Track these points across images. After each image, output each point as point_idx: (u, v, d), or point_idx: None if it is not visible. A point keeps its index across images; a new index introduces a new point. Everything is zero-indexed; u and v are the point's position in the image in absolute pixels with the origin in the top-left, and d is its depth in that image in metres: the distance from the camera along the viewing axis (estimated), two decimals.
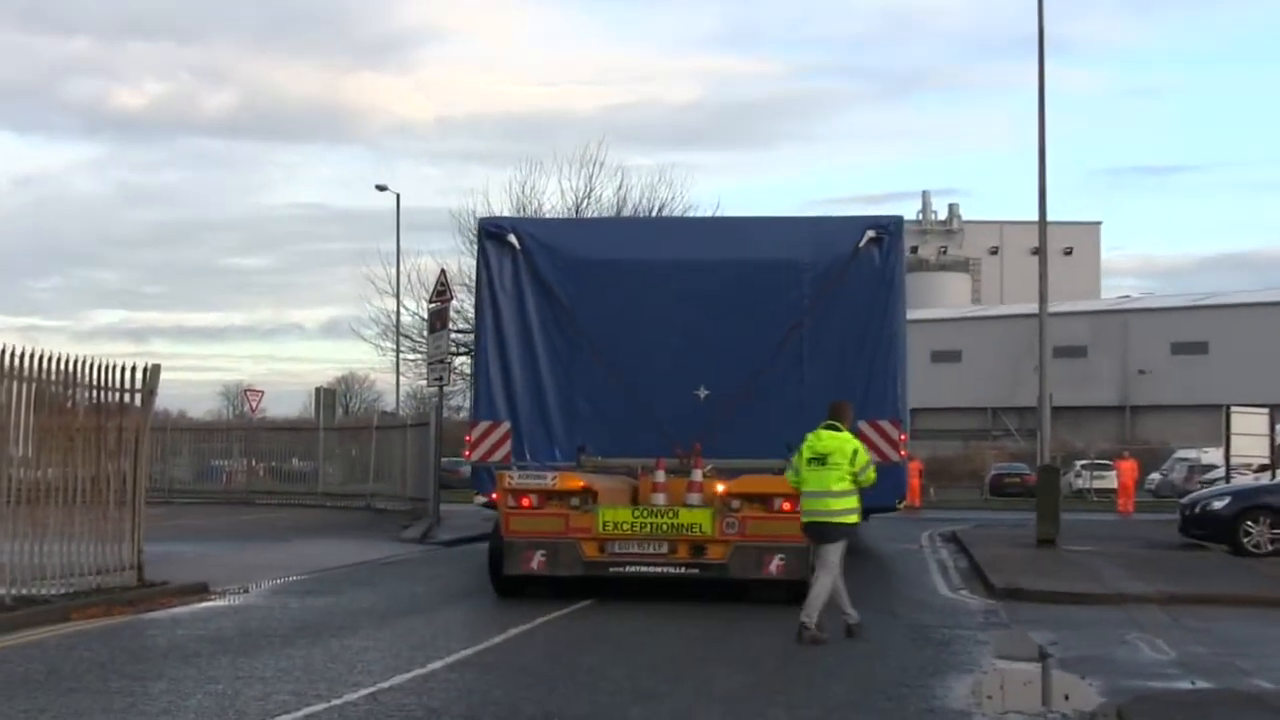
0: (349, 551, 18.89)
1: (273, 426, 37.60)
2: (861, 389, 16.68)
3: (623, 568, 12.92)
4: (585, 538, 12.90)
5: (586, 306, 16.90)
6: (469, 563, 17.68)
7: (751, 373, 16.50)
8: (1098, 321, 68.25)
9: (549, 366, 16.88)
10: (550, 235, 17.50)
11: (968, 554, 19.81)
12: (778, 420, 16.25)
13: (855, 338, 16.87)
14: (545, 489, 13.05)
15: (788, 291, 16.89)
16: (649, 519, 12.96)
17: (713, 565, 12.83)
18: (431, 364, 26.81)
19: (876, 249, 17.01)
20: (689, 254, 17.11)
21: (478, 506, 18.19)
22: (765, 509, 12.88)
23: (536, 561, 12.95)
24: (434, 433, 25.26)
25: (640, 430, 16.12)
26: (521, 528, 12.99)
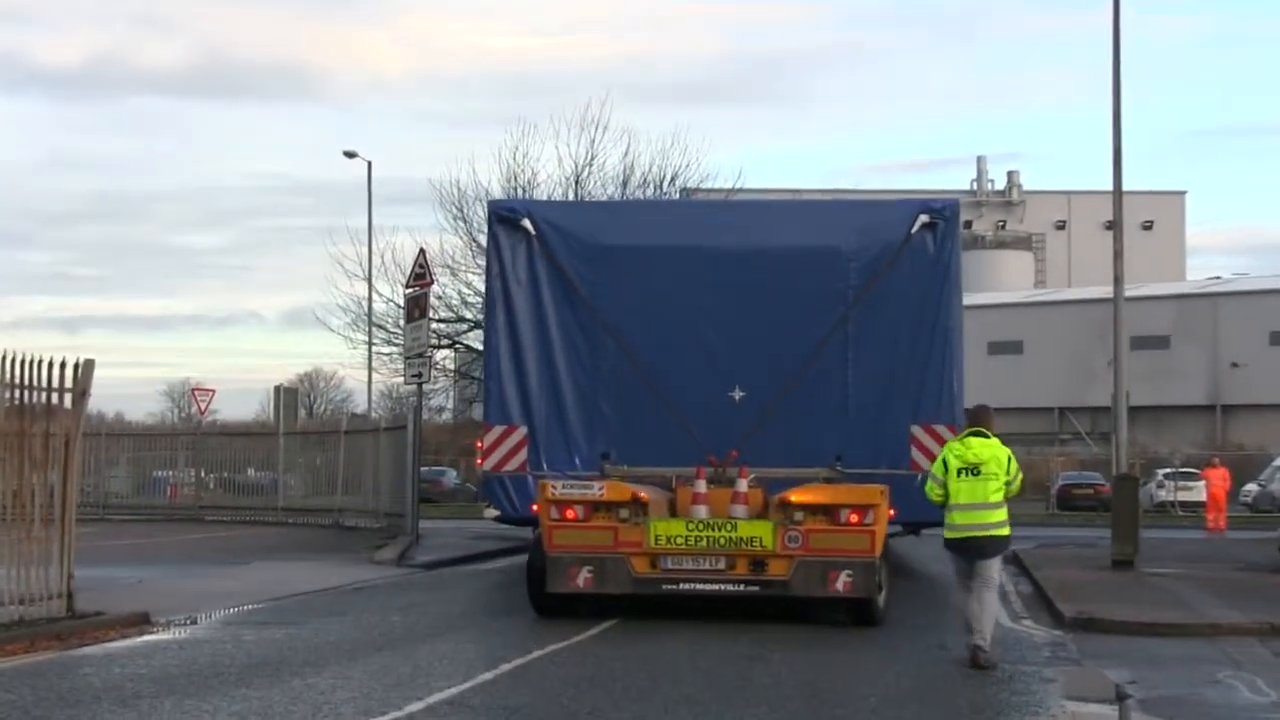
0: (313, 575, 18.94)
1: (225, 431, 37.73)
2: (914, 391, 17.26)
3: (675, 585, 13.47)
4: (635, 552, 13.45)
5: (609, 298, 17.44)
6: (454, 588, 17.77)
7: (792, 372, 17.01)
8: (1183, 307, 68.10)
9: (567, 365, 17.44)
10: (568, 219, 17.98)
11: (1031, 577, 19.83)
12: (821, 425, 16.94)
13: (907, 334, 17.38)
14: (592, 499, 13.59)
15: (832, 282, 17.43)
16: (705, 532, 13.48)
17: (774, 582, 13.38)
18: (409, 358, 26.83)
19: (930, 235, 17.53)
20: (723, 240, 17.62)
21: (489, 521, 18.82)
22: (830, 521, 13.41)
23: (583, 578, 13.48)
24: (412, 438, 25.29)
25: (669, 436, 16.66)
26: (566, 541, 13.53)
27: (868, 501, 13.57)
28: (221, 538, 26.86)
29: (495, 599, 16.71)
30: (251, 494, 33.37)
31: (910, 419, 17.22)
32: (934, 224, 17.60)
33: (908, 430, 17.11)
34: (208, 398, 39.10)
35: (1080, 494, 47.24)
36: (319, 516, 30.40)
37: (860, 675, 11.09)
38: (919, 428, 17.10)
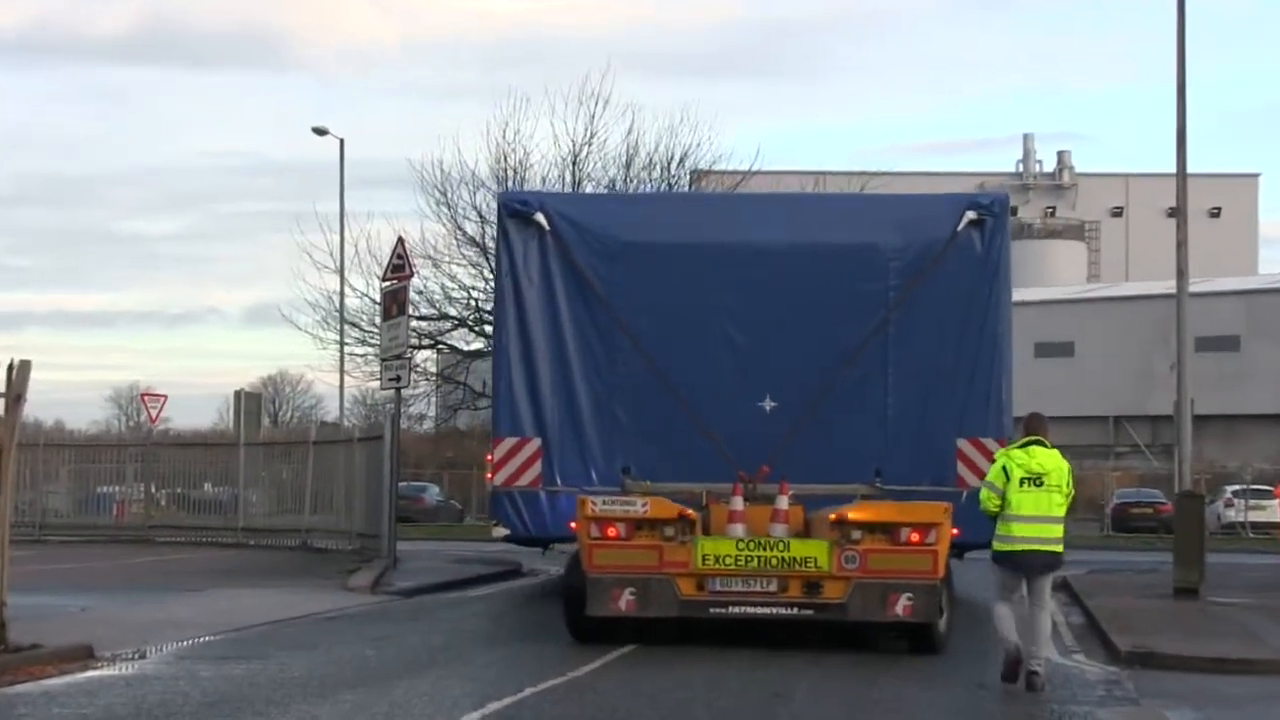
0: (278, 603, 18.97)
1: (179, 442, 37.87)
2: (959, 401, 17.84)
3: (724, 608, 14.02)
4: (681, 573, 13.97)
5: (628, 299, 17.97)
6: (436, 618, 17.77)
7: (827, 381, 17.57)
8: (1255, 304, 68.04)
9: (583, 372, 18.04)
10: (585, 213, 18.69)
11: (1083, 606, 19.82)
12: (858, 437, 17.54)
13: (952, 339, 17.97)
14: (635, 516, 14.11)
15: (871, 283, 18.02)
16: (756, 552, 14.02)
17: (829, 605, 13.92)
18: (386, 360, 26.86)
19: (977, 233, 18.10)
20: (752, 237, 18.30)
21: (498, 540, 19.28)
22: (890, 540, 13.92)
23: (625, 601, 13.99)
24: (389, 450, 25.33)
25: (694, 449, 17.24)
26: (607, 561, 14.05)
27: (930, 520, 13.99)
28: (174, 561, 26.83)
29: (482, 630, 16.73)
30: (208, 512, 33.39)
31: (955, 431, 17.69)
32: (981, 220, 18.09)
33: (953, 444, 17.60)
34: (159, 404, 39.12)
35: (1138, 514, 47.26)
36: (284, 537, 30.43)
37: (894, 716, 11.06)
38: (966, 441, 17.58)
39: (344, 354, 40.40)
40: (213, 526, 32.47)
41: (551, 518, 18.33)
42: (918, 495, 15.77)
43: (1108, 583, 23.94)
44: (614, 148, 38.92)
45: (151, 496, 34.36)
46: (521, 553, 29.16)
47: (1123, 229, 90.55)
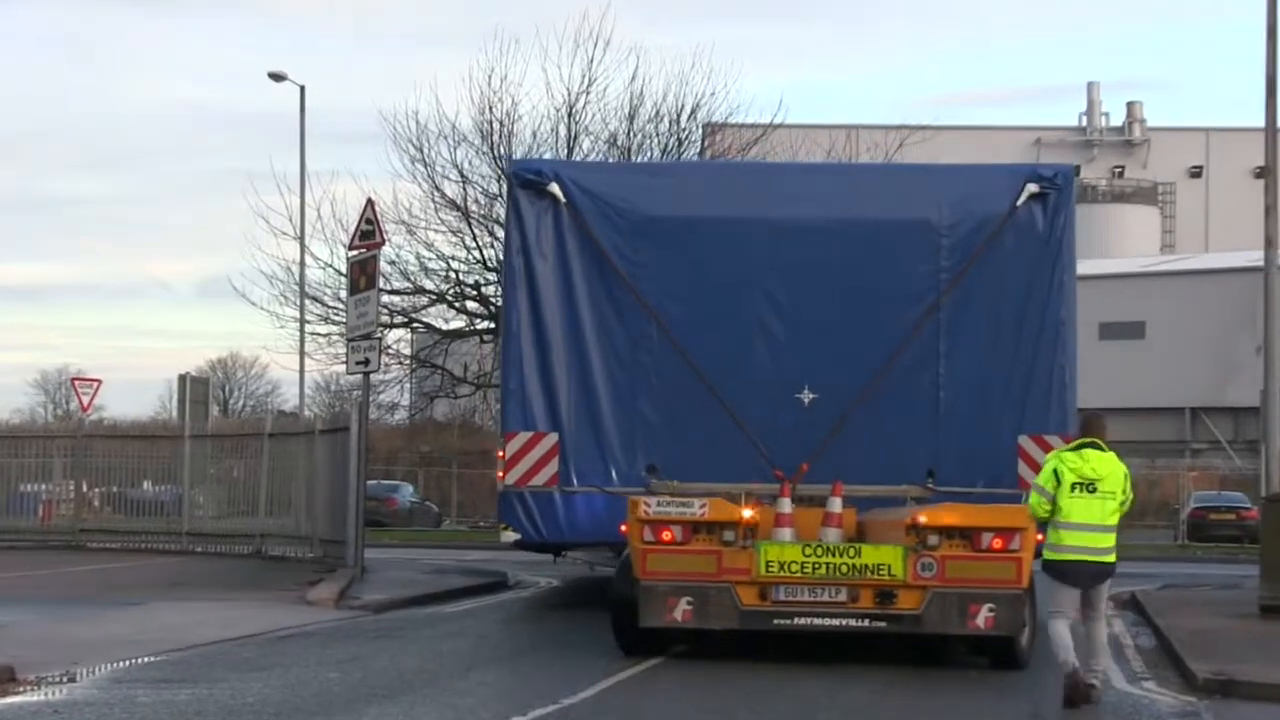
0: (228, 619, 18.97)
1: (115, 433, 37.66)
2: (1018, 393, 18.55)
3: (789, 619, 14.62)
4: (742, 581, 14.57)
5: (654, 279, 18.65)
6: (409, 637, 17.78)
7: (872, 371, 18.29)
8: None
9: (603, 360, 18.73)
10: (605, 183, 19.34)
11: (1154, 627, 19.81)
12: (907, 433, 18.31)
13: (1010, 325, 18.65)
14: (693, 519, 14.66)
15: (920, 262, 18.72)
16: (825, 558, 14.61)
17: (904, 616, 14.53)
18: (353, 341, 26.85)
19: (1039, 208, 18.77)
20: (790, 211, 18.93)
21: (508, 545, 19.77)
22: (970, 546, 14.52)
23: (681, 611, 14.57)
24: (357, 443, 25.35)
25: (725, 445, 17.99)
26: (662, 568, 14.64)
27: (1014, 524, 14.49)
28: (109, 570, 26.85)
29: (462, 651, 16.75)
30: (148, 514, 33.39)
31: (1015, 428, 18.32)
32: (1044, 194, 18.73)
33: (1012, 441, 18.26)
34: (92, 390, 39.16)
35: (1218, 520, 47.22)
36: (236, 543, 30.49)
37: None
38: (1028, 439, 18.22)
39: (304, 333, 40.31)
40: (153, 531, 32.49)
41: (566, 521, 18.88)
42: (973, 498, 16.36)
43: (1183, 599, 23.90)
44: (615, 97, 38.89)
45: (83, 496, 34.35)
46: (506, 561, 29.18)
47: (1201, 192, 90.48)
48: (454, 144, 38.89)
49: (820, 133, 46.61)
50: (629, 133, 38.47)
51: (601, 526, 18.81)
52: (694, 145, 39.81)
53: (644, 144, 38.55)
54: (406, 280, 39.68)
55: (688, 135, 39.18)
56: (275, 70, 44.29)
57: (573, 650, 15.99)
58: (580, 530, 19.20)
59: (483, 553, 35.64)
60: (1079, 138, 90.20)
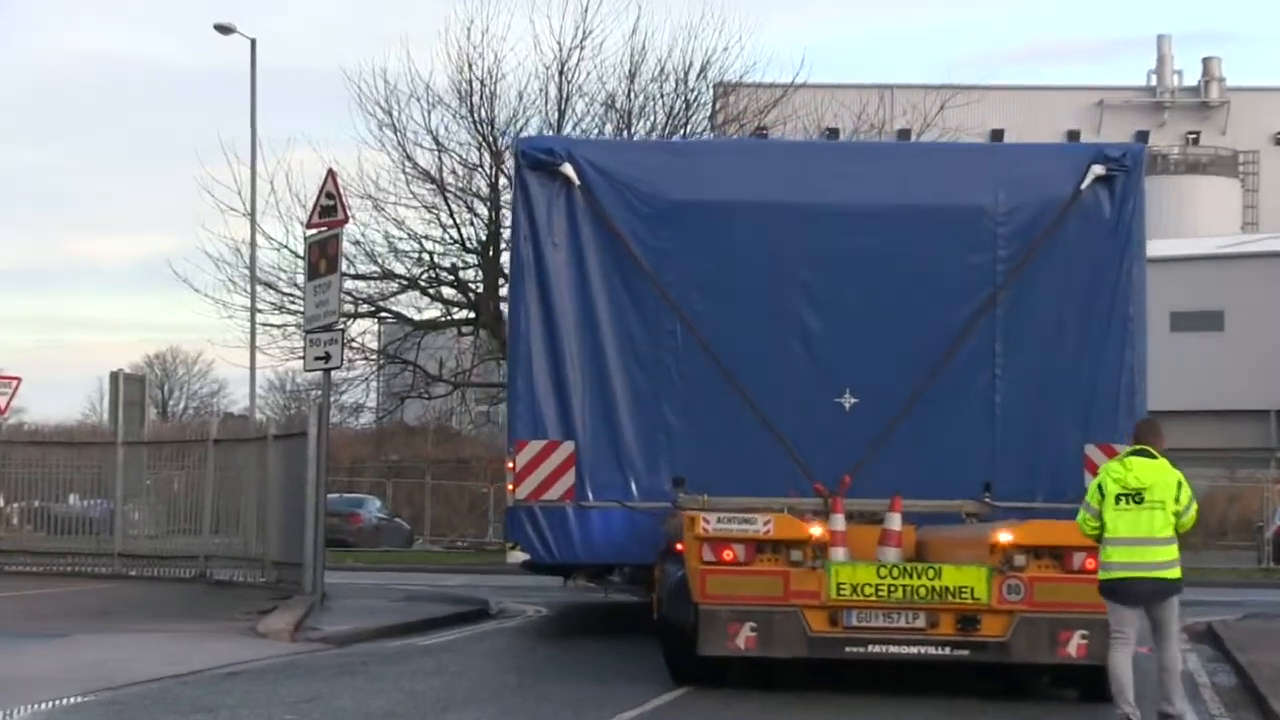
0: (168, 654, 18.89)
1: (37, 439, 37.53)
2: (1083, 398, 19.19)
3: (862, 647, 15.11)
4: (811, 605, 15.07)
5: (678, 271, 19.26)
6: (376, 674, 17.73)
7: (920, 372, 18.92)
8: None
9: (622, 361, 19.33)
10: (625, 164, 19.79)
11: (1234, 663, 19.77)
12: (960, 442, 18.97)
13: (1074, 322, 19.31)
14: (756, 537, 15.19)
15: (974, 252, 19.35)
16: (902, 580, 15.12)
17: (988, 644, 15.11)
18: (312, 332, 26.77)
19: (1105, 192, 19.38)
20: (830, 195, 19.40)
21: (515, 566, 20.37)
22: (1060, 567, 15.16)
23: (744, 638, 15.05)
24: (316, 451, 25.31)
25: (758, 455, 18.66)
26: (723, 591, 15.13)
27: None
28: (30, 597, 26.77)
29: (436, 690, 16.69)
30: (75, 532, 33.26)
31: (1081, 435, 18.91)
32: (1110, 177, 19.29)
33: (1076, 450, 18.88)
34: (9, 389, 39.09)
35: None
36: (176, 566, 30.47)
37: None
38: (1095, 447, 18.74)
39: (256, 324, 40.37)
40: (81, 552, 32.43)
41: (581, 540, 19.42)
42: (1035, 513, 16.97)
43: (1268, 632, 23.82)
44: (614, 53, 39.28)
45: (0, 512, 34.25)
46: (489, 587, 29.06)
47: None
48: (428, 107, 39.01)
49: (849, 93, 46.58)
50: (629, 94, 38.59)
51: (619, 546, 19.36)
52: (704, 108, 39.82)
53: (646, 107, 38.70)
54: (373, 263, 39.76)
55: (697, 97, 39.26)
56: (222, 21, 44.26)
57: (565, 689, 16.07)
58: (596, 550, 19.67)
59: (462, 577, 35.52)
60: (1147, 99, 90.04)
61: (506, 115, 38.36)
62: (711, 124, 40.11)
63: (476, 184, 39.16)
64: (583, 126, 38.53)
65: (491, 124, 38.48)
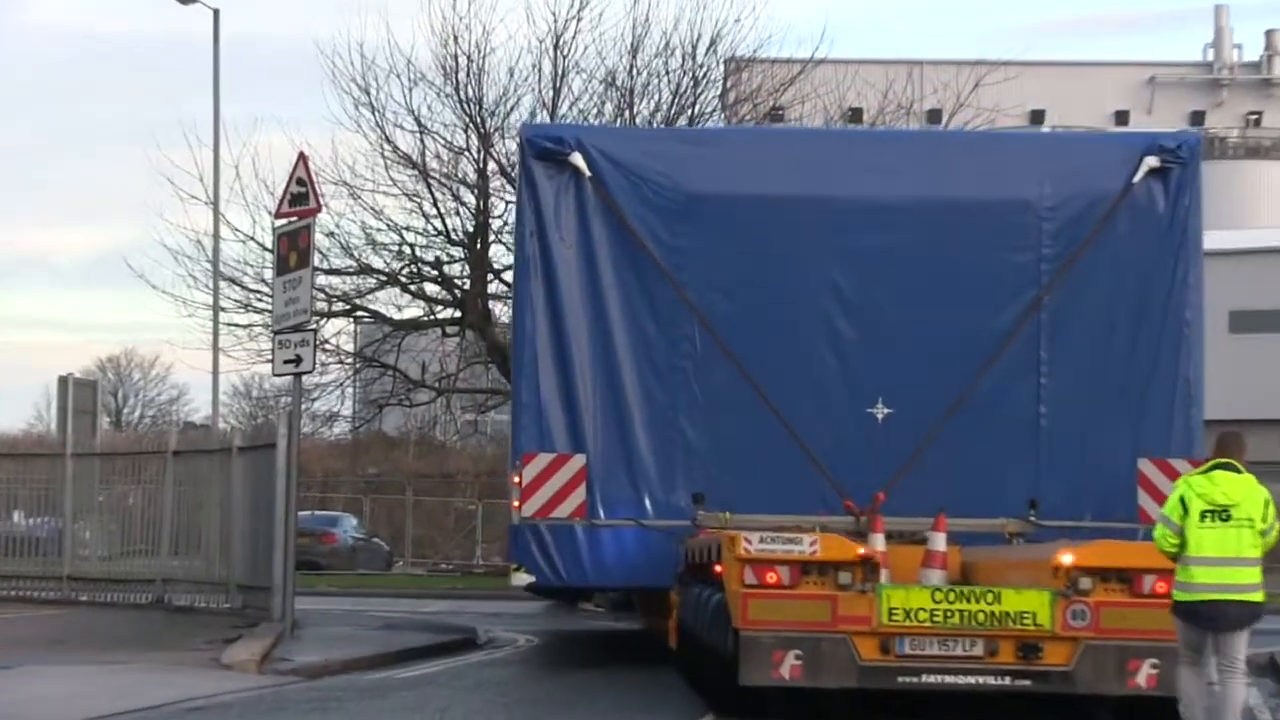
0: (122, 688, 18.80)
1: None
2: (1135, 407, 19.57)
3: (916, 676, 15.30)
4: (861, 631, 15.23)
5: (699, 271, 19.61)
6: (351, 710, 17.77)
7: (959, 380, 19.24)
8: None
9: (636, 367, 19.69)
10: (640, 154, 20.14)
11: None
12: (1001, 455, 19.34)
13: (1125, 326, 19.67)
14: (801, 558, 15.36)
15: (1018, 251, 19.66)
16: (959, 605, 15.30)
17: (1051, 673, 15.30)
18: (281, 333, 26.46)
19: (1159, 186, 19.74)
20: (862, 188, 19.81)
21: (520, 589, 20.77)
22: (1129, 591, 15.27)
23: (788, 667, 15.17)
24: (285, 463, 25.25)
25: (783, 470, 18.99)
26: (767, 616, 15.28)
27: None
28: None
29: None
30: (20, 553, 33.21)
31: (1132, 449, 19.30)
32: (1165, 169, 19.62)
33: (1128, 465, 19.27)
34: None
35: None
36: (132, 590, 30.42)
37: None
38: (1149, 463, 19.21)
39: (219, 324, 40.05)
40: (27, 575, 32.43)
41: (591, 561, 19.78)
42: (1082, 533, 17.45)
43: None
44: (614, 25, 39.17)
45: None
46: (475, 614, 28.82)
47: None
48: (409, 84, 39.01)
49: (874, 69, 46.53)
50: (631, 70, 38.58)
51: (632, 568, 19.68)
52: (714, 86, 39.98)
53: (650, 85, 38.69)
54: (349, 257, 39.89)
55: (706, 74, 39.33)
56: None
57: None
58: (607, 572, 20.04)
59: (446, 603, 35.95)
60: (1203, 75, 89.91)
61: (496, 94, 38.63)
62: (722, 103, 40.40)
63: (462, 169, 39.53)
64: (580, 107, 39.01)
65: (479, 103, 38.74)
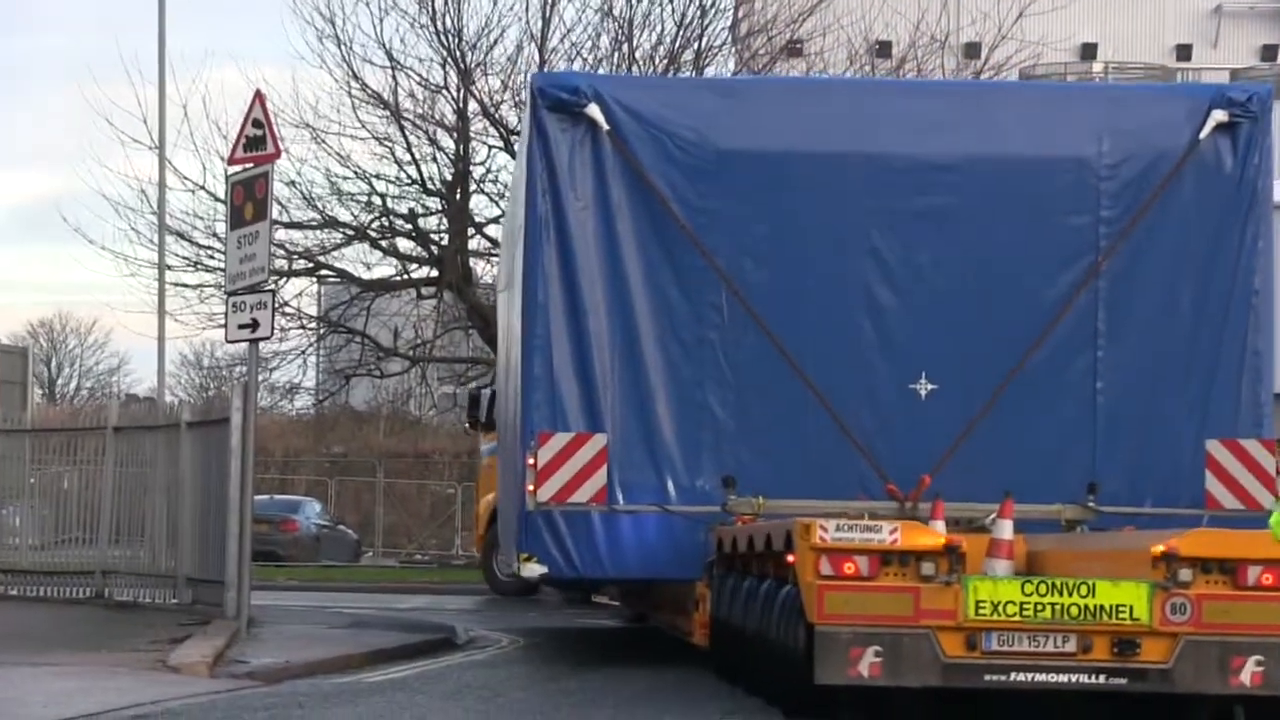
0: (58, 693, 18.79)
1: None
2: (1200, 384, 19.96)
3: (1004, 674, 15.66)
4: (945, 626, 15.60)
5: (728, 234, 20.07)
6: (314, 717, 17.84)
7: (1010, 355, 19.71)
8: None
9: (658, 340, 20.10)
10: (663, 106, 20.64)
11: None
12: (1054, 436, 19.88)
13: (1190, 296, 20.03)
14: (881, 547, 15.72)
15: (1074, 213, 20.15)
16: (1050, 598, 15.63)
17: (1149, 671, 15.62)
18: (236, 295, 26.72)
19: (1226, 142, 20.06)
20: (903, 144, 20.21)
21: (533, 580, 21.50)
22: (1232, 583, 15.56)
23: (867, 664, 15.53)
24: (240, 441, 25.23)
25: (819, 451, 19.59)
26: (844, 610, 15.62)
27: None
28: None
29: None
30: None
31: (1197, 430, 19.66)
32: (1234, 124, 19.94)
33: (1191, 447, 19.65)
34: None
35: None
36: (68, 583, 30.49)
37: None
38: (1218, 444, 19.48)
39: (165, 284, 40.22)
40: None
41: (609, 551, 20.23)
42: (1142, 519, 18.10)
43: None
44: None
45: None
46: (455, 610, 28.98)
47: None
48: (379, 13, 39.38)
49: None
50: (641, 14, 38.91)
51: (653, 558, 20.01)
52: (723, 16, 40.09)
53: (651, 14, 39.00)
54: (312, 209, 40.19)
55: (715, 2, 39.45)
56: None
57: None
58: (625, 563, 20.37)
59: (421, 598, 35.52)
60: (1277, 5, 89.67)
61: (477, 25, 38.93)
62: (732, 35, 40.30)
63: (440, 110, 39.37)
64: (572, 39, 39.05)
65: (459, 35, 38.86)
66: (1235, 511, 18.81)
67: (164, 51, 41.38)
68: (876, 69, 41.34)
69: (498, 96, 39.16)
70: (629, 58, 38.33)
